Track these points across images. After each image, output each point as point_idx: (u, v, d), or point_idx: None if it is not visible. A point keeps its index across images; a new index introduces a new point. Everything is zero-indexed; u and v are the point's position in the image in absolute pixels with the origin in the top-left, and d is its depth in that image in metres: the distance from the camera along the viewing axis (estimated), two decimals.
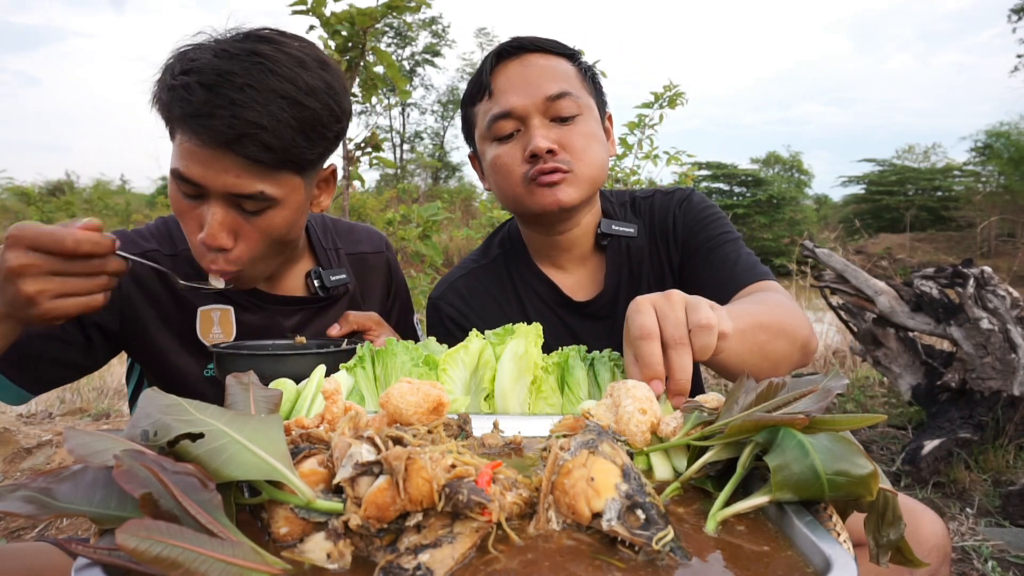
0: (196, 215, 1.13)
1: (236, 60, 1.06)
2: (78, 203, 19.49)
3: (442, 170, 36.59)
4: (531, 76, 1.29)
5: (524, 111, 1.27)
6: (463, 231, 5.86)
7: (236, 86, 1.04)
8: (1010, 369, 2.89)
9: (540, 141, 1.24)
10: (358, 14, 2.75)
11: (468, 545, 0.49)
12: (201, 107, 1.03)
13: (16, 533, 2.47)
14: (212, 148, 1.05)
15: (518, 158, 1.28)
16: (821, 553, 0.49)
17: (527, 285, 1.46)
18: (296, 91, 1.08)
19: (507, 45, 1.33)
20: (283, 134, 1.07)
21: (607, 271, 1.44)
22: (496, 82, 1.31)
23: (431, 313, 1.48)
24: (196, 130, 1.04)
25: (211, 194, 1.10)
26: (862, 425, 0.58)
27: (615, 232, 1.41)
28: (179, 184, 1.11)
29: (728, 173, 25.61)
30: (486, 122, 1.31)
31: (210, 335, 1.30)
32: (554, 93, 1.27)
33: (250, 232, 1.14)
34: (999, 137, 21.49)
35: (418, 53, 35.25)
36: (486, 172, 1.38)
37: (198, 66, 1.05)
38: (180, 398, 0.58)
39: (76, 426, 3.24)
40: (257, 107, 1.05)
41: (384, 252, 1.56)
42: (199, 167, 1.07)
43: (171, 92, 1.06)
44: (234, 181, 1.08)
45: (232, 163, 1.07)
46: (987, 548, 2.27)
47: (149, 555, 0.41)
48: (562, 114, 1.28)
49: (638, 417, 0.71)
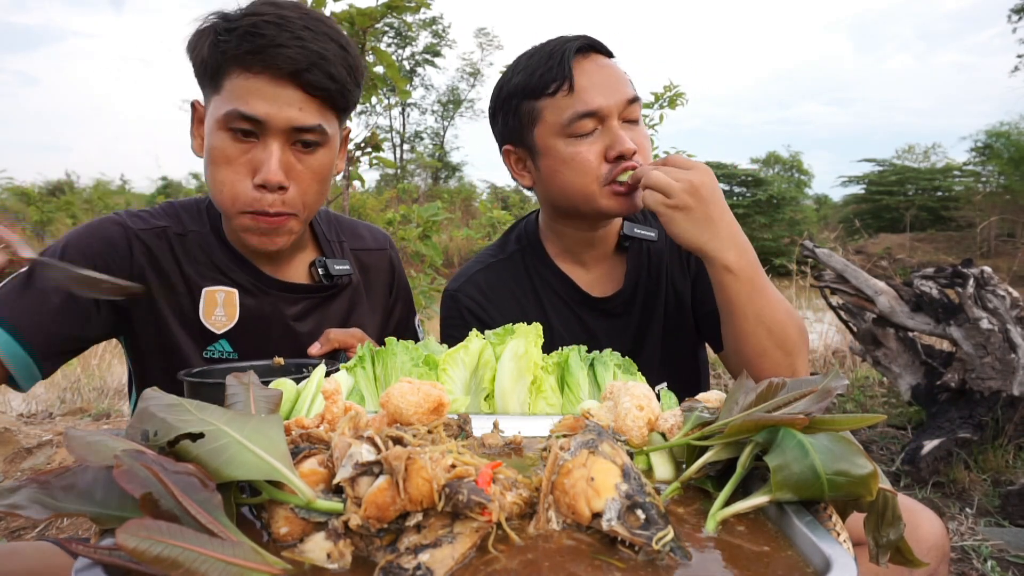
0: (247, 160, 1.17)
1: (288, 8, 1.17)
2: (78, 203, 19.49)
3: (442, 170, 36.59)
4: (610, 77, 1.32)
5: (608, 111, 1.29)
6: (463, 231, 5.87)
7: (297, 25, 1.15)
8: (1010, 369, 2.89)
9: (630, 143, 1.28)
10: (358, 14, 2.76)
11: (468, 545, 0.50)
12: (273, 39, 1.12)
13: (16, 533, 2.47)
14: (278, 80, 1.14)
15: (599, 156, 1.30)
16: (821, 553, 0.49)
17: (545, 281, 1.48)
18: (340, 36, 1.21)
19: (580, 43, 1.33)
20: (338, 69, 1.18)
21: (627, 271, 1.48)
22: (578, 78, 1.30)
23: (449, 305, 1.48)
24: (266, 62, 1.13)
25: (270, 131, 1.16)
26: (862, 425, 0.58)
27: (636, 235, 1.45)
28: (234, 124, 1.15)
29: (728, 173, 25.59)
30: (566, 117, 1.30)
31: (213, 316, 1.30)
32: (631, 97, 1.32)
33: (302, 173, 1.21)
34: (999, 137, 21.48)
35: (418, 53, 35.23)
36: (549, 170, 1.36)
37: (257, 9, 1.17)
38: (180, 398, 0.58)
39: (76, 426, 3.24)
40: (319, 42, 1.15)
41: (387, 250, 1.56)
42: (263, 102, 1.14)
43: (231, 33, 1.14)
44: (297, 114, 1.16)
45: (295, 96, 1.15)
46: (986, 548, 2.27)
47: (149, 555, 0.41)
48: (633, 117, 1.33)
49: (635, 413, 0.71)
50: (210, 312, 1.30)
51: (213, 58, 1.16)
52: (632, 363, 1.04)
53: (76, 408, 4.46)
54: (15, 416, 4.15)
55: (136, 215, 1.31)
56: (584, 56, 1.33)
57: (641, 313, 1.47)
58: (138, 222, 1.29)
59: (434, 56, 35.51)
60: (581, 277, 1.48)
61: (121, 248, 1.25)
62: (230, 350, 1.31)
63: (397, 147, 36.28)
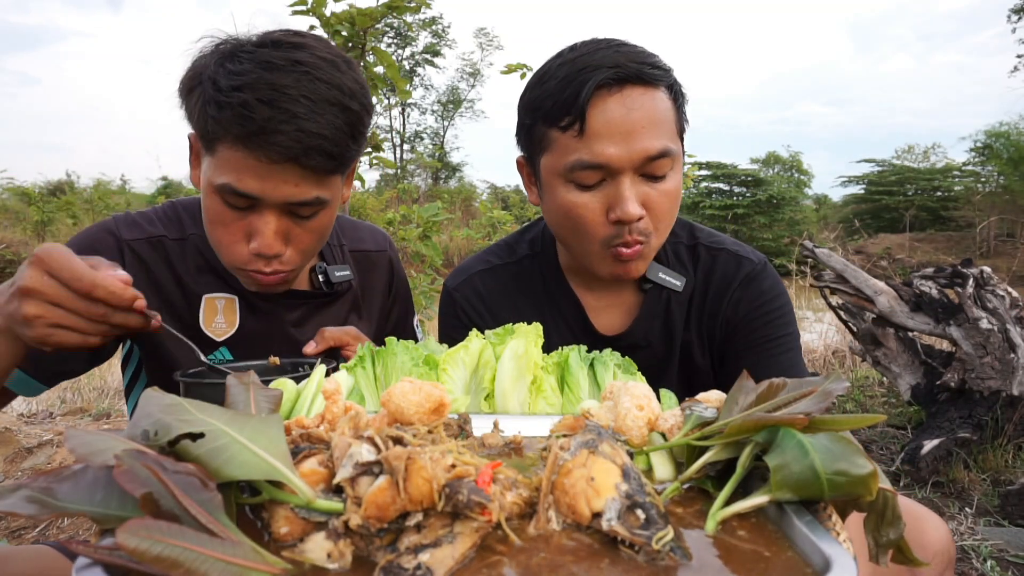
0: (242, 225, 1.13)
1: (283, 72, 1.06)
2: (78, 203, 19.45)
3: (442, 170, 36.58)
4: (633, 123, 1.09)
5: (619, 166, 1.10)
6: (463, 231, 5.87)
7: (292, 99, 1.04)
8: (1009, 369, 2.89)
9: (632, 208, 1.10)
10: (358, 14, 2.75)
11: (468, 545, 0.50)
12: (265, 124, 1.03)
13: (17, 533, 2.47)
14: (275, 162, 1.06)
15: (600, 215, 1.14)
16: (821, 553, 0.49)
17: (552, 298, 1.36)
18: (341, 96, 1.09)
19: (608, 75, 1.09)
20: (340, 140, 1.09)
21: (640, 314, 1.32)
22: (592, 119, 1.09)
23: (446, 301, 1.42)
24: (261, 146, 1.04)
25: (264, 204, 1.11)
26: (862, 425, 0.58)
27: (659, 280, 1.29)
28: (227, 198, 1.11)
29: (728, 173, 25.60)
30: (569, 163, 1.13)
31: (213, 324, 1.29)
32: (655, 153, 1.10)
33: (301, 235, 1.17)
34: (999, 137, 21.47)
35: (418, 53, 35.22)
36: (550, 208, 1.22)
37: (249, 81, 1.04)
38: (180, 398, 0.58)
39: (77, 426, 3.24)
40: (317, 118, 1.06)
41: (387, 251, 1.56)
42: (257, 181, 1.08)
43: (225, 110, 1.04)
44: (293, 191, 1.10)
45: (292, 174, 1.08)
46: (986, 548, 2.27)
47: (150, 555, 0.41)
48: (656, 173, 1.13)
49: (635, 413, 0.71)
50: (210, 320, 1.29)
51: (204, 123, 1.09)
52: (632, 363, 1.04)
53: (76, 408, 4.46)
54: (15, 416, 4.15)
55: (133, 222, 1.29)
56: (610, 91, 1.10)
57: (649, 361, 1.31)
58: (133, 231, 1.26)
59: (434, 56, 35.50)
60: (590, 302, 1.35)
61: (110, 259, 1.24)
62: (231, 358, 1.31)
63: (397, 147, 36.28)
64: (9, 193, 21.55)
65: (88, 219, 17.05)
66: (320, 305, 1.41)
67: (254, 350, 1.32)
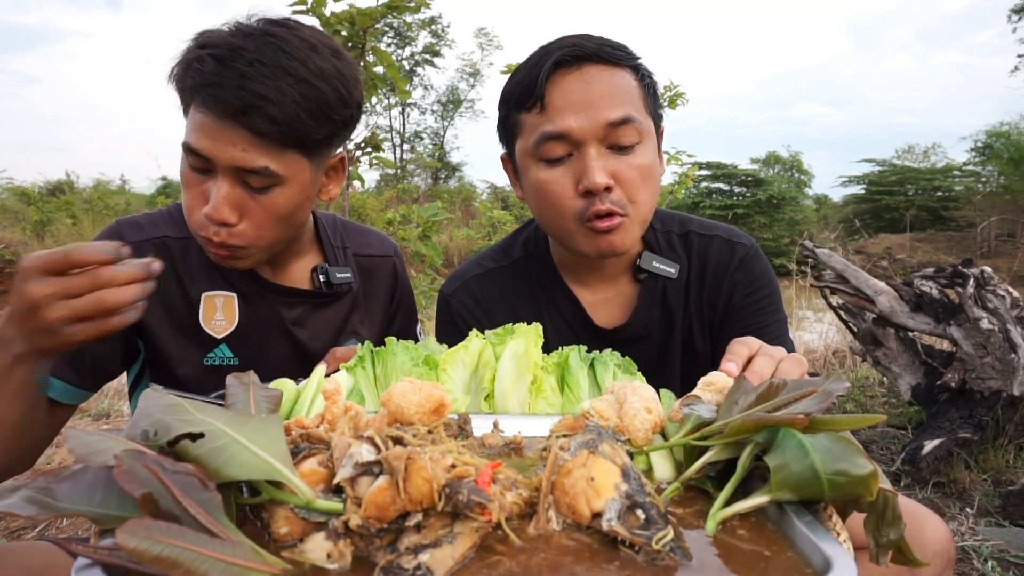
0: (202, 190, 1.15)
1: (250, 38, 1.11)
2: (78, 203, 19.41)
3: (442, 170, 36.58)
4: (592, 95, 1.13)
5: (581, 136, 1.13)
6: (463, 231, 5.87)
7: (246, 60, 1.08)
8: (1010, 369, 2.89)
9: (598, 176, 1.12)
10: (358, 14, 2.76)
11: (468, 545, 0.50)
12: (211, 77, 1.07)
13: (16, 533, 2.47)
14: (221, 120, 1.08)
15: (570, 189, 1.16)
16: (821, 553, 0.49)
17: (549, 297, 1.37)
18: (305, 71, 1.11)
19: (567, 52, 1.14)
20: (288, 109, 1.09)
21: (638, 305, 1.34)
22: (551, 95, 1.15)
23: (442, 307, 1.43)
24: (206, 100, 1.08)
25: (218, 168, 1.13)
26: (862, 425, 0.58)
27: (653, 269, 1.31)
28: (188, 157, 1.14)
29: (728, 173, 25.58)
30: (534, 139, 1.16)
31: (212, 322, 1.31)
32: (616, 119, 1.13)
33: (255, 209, 1.16)
34: (999, 137, 21.46)
35: (418, 53, 35.22)
36: (527, 192, 1.26)
37: (213, 40, 1.11)
38: (180, 398, 0.58)
39: (76, 426, 3.24)
40: (265, 81, 1.08)
41: (392, 258, 1.56)
42: (208, 139, 1.10)
43: (185, 65, 1.12)
44: (240, 155, 1.10)
45: (239, 136, 1.09)
46: (987, 548, 2.27)
47: (149, 555, 0.41)
48: (621, 142, 1.15)
49: (643, 415, 0.71)
50: (210, 317, 1.31)
51: (177, 85, 1.15)
52: (632, 363, 1.04)
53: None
54: None
55: (137, 225, 1.31)
56: (568, 69, 1.15)
57: (650, 350, 1.35)
58: (136, 233, 1.28)
59: (434, 56, 35.50)
60: (588, 299, 1.36)
61: None
62: (231, 355, 1.32)
63: (397, 147, 36.27)
64: (9, 193, 21.53)
65: (88, 219, 17.03)
66: (319, 304, 1.41)
67: (253, 348, 1.33)
